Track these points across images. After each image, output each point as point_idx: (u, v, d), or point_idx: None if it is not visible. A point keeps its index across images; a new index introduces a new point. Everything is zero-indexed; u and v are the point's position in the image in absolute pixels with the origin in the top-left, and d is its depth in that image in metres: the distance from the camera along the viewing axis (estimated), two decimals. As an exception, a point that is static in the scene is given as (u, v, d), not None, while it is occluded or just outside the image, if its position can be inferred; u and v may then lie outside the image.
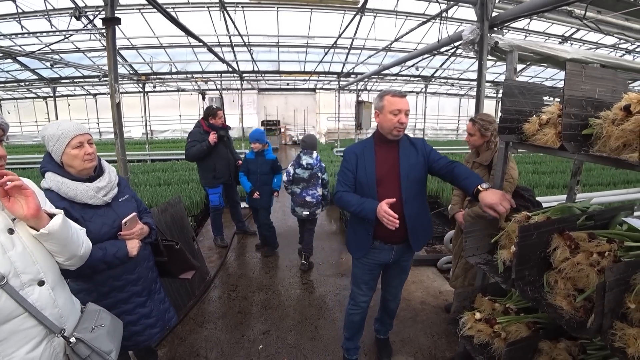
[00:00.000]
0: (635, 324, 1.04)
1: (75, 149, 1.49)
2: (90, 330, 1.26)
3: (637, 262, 1.07)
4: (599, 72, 1.23)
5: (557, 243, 1.30)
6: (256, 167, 3.90)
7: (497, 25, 3.23)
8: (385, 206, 1.73)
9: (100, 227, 1.55)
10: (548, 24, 7.56)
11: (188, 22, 4.91)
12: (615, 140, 1.08)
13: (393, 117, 1.90)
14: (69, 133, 1.48)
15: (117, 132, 2.82)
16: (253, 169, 3.91)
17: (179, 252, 1.96)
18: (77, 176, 1.53)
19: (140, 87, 10.93)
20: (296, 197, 3.80)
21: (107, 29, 2.76)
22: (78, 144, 1.49)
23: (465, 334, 1.65)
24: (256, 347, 2.59)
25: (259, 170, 3.88)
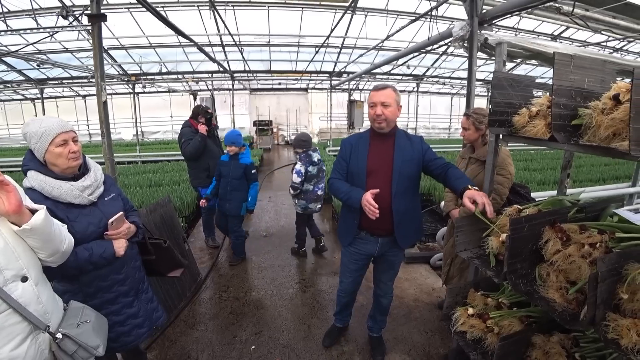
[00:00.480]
0: (628, 315, 1.03)
1: (59, 147, 1.44)
2: (76, 326, 1.25)
3: (629, 252, 1.06)
4: (587, 62, 1.22)
5: (548, 235, 1.29)
6: (228, 170, 3.67)
7: (486, 21, 3.23)
8: (369, 196, 1.77)
9: (86, 227, 1.51)
10: (537, 22, 7.64)
11: (178, 22, 4.86)
12: (605, 130, 1.07)
13: (371, 110, 1.99)
14: (52, 130, 1.42)
15: (104, 132, 2.77)
16: (225, 172, 3.68)
17: (167, 250, 1.93)
18: (61, 175, 1.48)
19: (130, 88, 10.79)
20: (310, 194, 3.81)
21: (93, 25, 2.70)
22: (62, 141, 1.44)
23: (458, 330, 1.63)
24: (248, 348, 2.55)
25: (231, 175, 3.65)
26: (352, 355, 2.48)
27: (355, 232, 2.12)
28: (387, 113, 1.95)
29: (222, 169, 3.70)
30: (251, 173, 3.71)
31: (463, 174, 1.83)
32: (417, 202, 2.13)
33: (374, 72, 10.03)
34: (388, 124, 1.98)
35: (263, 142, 14.52)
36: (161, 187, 6.21)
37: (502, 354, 1.34)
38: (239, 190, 3.69)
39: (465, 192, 1.61)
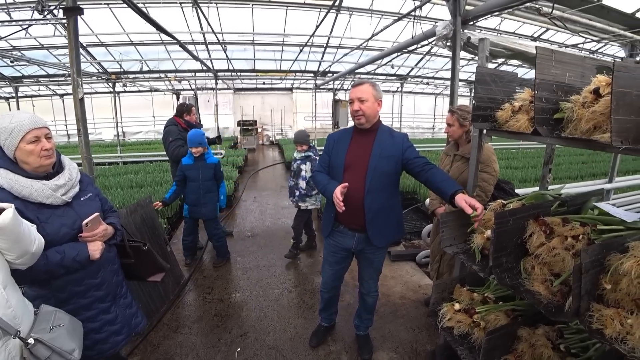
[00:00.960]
0: (611, 305, 1.04)
1: (30, 144, 1.36)
2: (49, 330, 1.19)
3: (610, 243, 1.08)
4: (568, 57, 1.24)
5: (532, 229, 1.30)
6: (197, 173, 3.48)
7: (469, 20, 3.27)
8: (338, 190, 1.82)
9: (58, 229, 1.42)
10: (518, 24, 7.82)
11: (160, 18, 4.74)
12: (586, 123, 1.08)
13: (350, 107, 2.02)
14: (23, 126, 1.34)
15: (81, 130, 2.66)
16: (193, 176, 3.48)
17: (147, 254, 1.84)
18: (33, 173, 1.40)
19: (110, 87, 10.48)
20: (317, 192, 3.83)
21: (69, 19, 2.59)
22: (34, 138, 1.36)
23: (445, 326, 1.64)
24: (233, 351, 2.49)
25: (202, 177, 3.49)
26: (340, 355, 2.46)
27: (333, 224, 2.17)
28: (365, 108, 1.96)
29: (190, 173, 3.49)
30: (220, 172, 3.65)
31: (448, 176, 1.83)
32: (394, 201, 2.11)
33: (359, 71, 10.07)
34: (367, 119, 1.99)
35: (247, 142, 14.37)
36: (143, 188, 6.06)
37: (489, 348, 1.34)
38: (212, 192, 3.58)
39: (459, 195, 1.59)
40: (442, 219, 1.61)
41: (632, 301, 1.01)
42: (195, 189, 3.50)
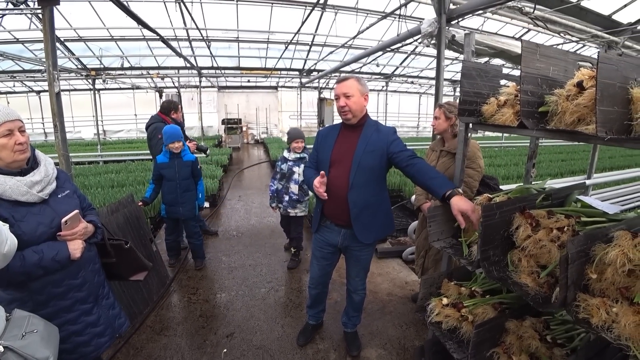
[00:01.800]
0: (597, 294, 1.06)
1: (3, 137, 1.29)
2: (20, 337, 1.11)
3: (595, 234, 1.09)
4: (552, 51, 1.25)
5: (519, 222, 1.31)
6: (174, 172, 3.32)
7: (454, 18, 3.31)
8: (317, 180, 1.89)
9: (35, 228, 1.35)
10: (501, 24, 7.95)
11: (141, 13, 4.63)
12: (570, 115, 1.09)
13: (336, 103, 2.00)
14: None
15: (58, 125, 2.57)
16: (170, 175, 3.32)
17: (129, 252, 1.77)
18: (6, 169, 1.33)
19: (90, 84, 10.16)
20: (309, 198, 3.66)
21: (44, 9, 2.50)
22: (7, 131, 1.29)
23: (434, 321, 1.64)
24: (220, 352, 2.44)
25: (179, 176, 3.34)
26: (328, 353, 2.44)
27: (320, 219, 2.18)
28: (351, 104, 1.94)
29: (166, 172, 3.32)
30: (198, 169, 3.52)
31: (436, 172, 1.79)
32: (381, 197, 2.08)
33: (344, 69, 10.08)
34: (354, 115, 1.98)
35: (232, 141, 14.18)
36: (124, 187, 5.89)
37: (478, 341, 1.35)
38: (190, 191, 3.45)
39: (454, 201, 1.53)
40: (429, 214, 1.61)
41: (617, 290, 1.02)
42: (172, 189, 3.36)
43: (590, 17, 4.70)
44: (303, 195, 3.50)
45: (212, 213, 5.58)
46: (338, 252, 2.27)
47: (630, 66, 0.98)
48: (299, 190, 3.46)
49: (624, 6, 4.95)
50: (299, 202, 3.51)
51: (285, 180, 3.52)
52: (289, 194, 3.49)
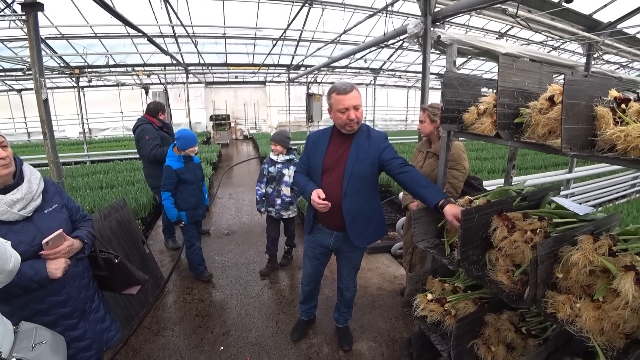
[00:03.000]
0: (563, 291, 1.16)
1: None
2: (31, 349, 1.14)
3: (563, 236, 1.19)
4: (527, 65, 1.34)
5: (496, 224, 1.41)
6: (193, 175, 3.26)
7: (439, 19, 3.39)
8: (315, 196, 1.89)
9: (15, 247, 1.26)
10: (486, 20, 8.08)
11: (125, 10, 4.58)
12: (542, 128, 1.18)
13: (342, 115, 1.91)
14: None
15: (47, 132, 2.56)
16: (190, 178, 3.23)
17: (120, 266, 1.74)
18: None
19: (73, 82, 9.97)
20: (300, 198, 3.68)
21: (28, 15, 2.47)
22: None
23: (419, 315, 1.74)
24: (217, 349, 2.52)
25: (197, 178, 3.32)
26: (321, 347, 2.55)
27: (313, 222, 2.23)
28: (359, 115, 1.94)
29: (186, 176, 3.19)
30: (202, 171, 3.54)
31: (427, 181, 1.82)
32: (374, 203, 2.13)
33: (332, 65, 10.10)
34: (359, 125, 2.00)
35: (221, 137, 14.11)
36: (114, 188, 5.85)
37: (459, 333, 1.46)
38: (204, 192, 3.48)
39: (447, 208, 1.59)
40: (413, 216, 1.71)
41: (581, 288, 1.13)
42: (195, 192, 3.29)
43: (572, 16, 4.83)
44: (295, 197, 3.48)
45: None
46: (330, 252, 2.35)
47: (596, 85, 1.07)
48: (291, 192, 3.42)
49: (604, 6, 5.12)
50: (291, 203, 3.48)
51: (275, 183, 3.44)
52: (281, 197, 3.43)
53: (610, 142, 0.97)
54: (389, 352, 2.51)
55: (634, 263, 1.02)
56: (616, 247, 1.10)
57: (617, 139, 0.94)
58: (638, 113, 0.96)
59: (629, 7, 4.97)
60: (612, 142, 0.96)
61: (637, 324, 1.00)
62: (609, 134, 0.96)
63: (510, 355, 1.48)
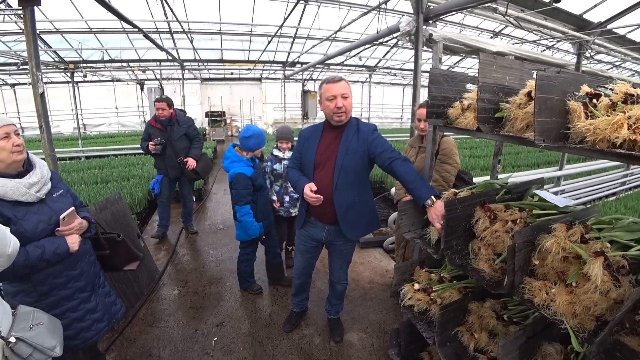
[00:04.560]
0: (539, 278, 1.22)
1: (1, 140, 1.41)
2: (29, 329, 1.23)
3: (541, 225, 1.25)
4: (508, 62, 1.40)
5: (479, 215, 1.47)
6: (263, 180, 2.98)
7: (431, 18, 3.44)
8: (307, 190, 1.95)
9: (36, 225, 1.47)
10: (481, 19, 8.14)
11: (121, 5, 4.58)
12: (520, 122, 1.24)
13: (330, 104, 1.97)
14: None
15: (43, 126, 2.59)
16: (263, 183, 2.93)
17: (121, 244, 1.93)
18: (5, 172, 1.44)
19: (68, 77, 9.91)
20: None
21: (25, 9, 2.49)
22: (4, 134, 1.42)
23: (407, 304, 1.80)
24: (210, 340, 2.57)
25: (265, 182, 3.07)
26: (313, 337, 2.60)
27: (305, 216, 2.27)
28: (347, 105, 1.98)
29: (259, 181, 2.84)
30: None
31: (416, 175, 1.82)
32: (365, 196, 2.17)
33: (328, 62, 10.14)
34: (347, 116, 2.03)
35: (216, 133, 14.11)
36: (109, 183, 5.88)
37: (443, 320, 1.52)
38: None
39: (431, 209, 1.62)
40: (400, 208, 1.76)
41: (556, 274, 1.19)
42: (267, 197, 3.03)
43: (562, 16, 4.91)
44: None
45: (198, 207, 5.64)
46: (321, 245, 2.40)
47: (569, 81, 1.13)
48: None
49: (594, 6, 5.20)
50: (297, 199, 3.32)
51: (282, 180, 3.32)
52: (289, 194, 3.32)
53: (581, 134, 1.03)
54: (379, 342, 2.57)
55: (603, 249, 1.08)
56: (588, 235, 1.17)
57: (586, 131, 1.00)
58: (607, 107, 1.02)
59: (618, 8, 5.06)
60: (583, 134, 1.02)
61: (605, 306, 1.06)
62: (579, 126, 1.01)
63: (492, 342, 1.54)
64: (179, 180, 4.23)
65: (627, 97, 0.98)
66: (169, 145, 3.94)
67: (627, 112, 0.95)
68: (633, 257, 1.14)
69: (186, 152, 4.06)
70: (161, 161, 4.02)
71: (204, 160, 4.15)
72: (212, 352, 2.45)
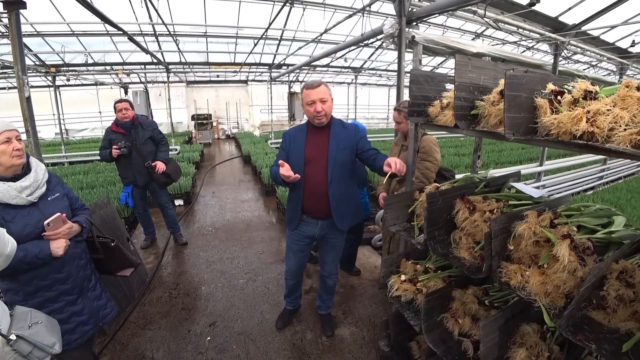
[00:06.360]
0: (515, 262, 1.32)
1: (2, 144, 1.46)
2: (28, 327, 1.26)
3: (515, 214, 1.35)
4: (482, 63, 1.49)
5: (459, 206, 1.56)
6: None
7: (413, 20, 3.55)
8: (282, 169, 1.99)
9: (22, 228, 1.50)
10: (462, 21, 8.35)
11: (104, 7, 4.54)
12: (494, 118, 1.33)
13: (309, 108, 2.12)
14: None
15: (30, 130, 2.59)
16: None
17: (115, 250, 1.93)
18: (3, 175, 1.49)
19: (49, 81, 9.71)
20: None
21: (10, 13, 2.49)
22: (6, 139, 1.47)
23: (394, 295, 1.88)
24: (204, 340, 2.60)
25: None
26: (305, 333, 2.66)
27: (299, 217, 2.32)
28: (326, 108, 2.12)
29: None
30: None
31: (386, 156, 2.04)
32: (353, 188, 2.33)
33: (314, 64, 10.20)
34: (327, 118, 2.17)
35: (203, 136, 14.05)
36: (95, 188, 5.81)
37: (428, 308, 1.60)
38: None
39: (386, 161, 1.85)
40: (385, 202, 1.85)
41: (529, 257, 1.29)
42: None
43: (540, 18, 5.11)
44: None
45: (187, 210, 5.63)
46: (313, 242, 2.48)
47: (536, 80, 1.22)
48: None
49: (568, 9, 5.43)
50: None
51: None
52: None
53: (547, 128, 1.12)
54: (369, 335, 2.65)
55: (570, 232, 1.18)
56: (557, 221, 1.26)
57: (551, 125, 1.09)
58: (570, 103, 1.11)
59: (592, 10, 5.30)
60: (549, 128, 1.11)
61: (573, 284, 1.16)
62: (545, 121, 1.11)
63: (475, 326, 1.62)
64: (150, 189, 3.99)
65: (587, 94, 1.08)
66: (135, 150, 3.69)
67: (586, 107, 1.05)
68: (598, 240, 1.25)
69: (153, 156, 3.82)
70: (127, 168, 3.77)
71: (172, 163, 3.97)
72: (205, 352, 2.48)
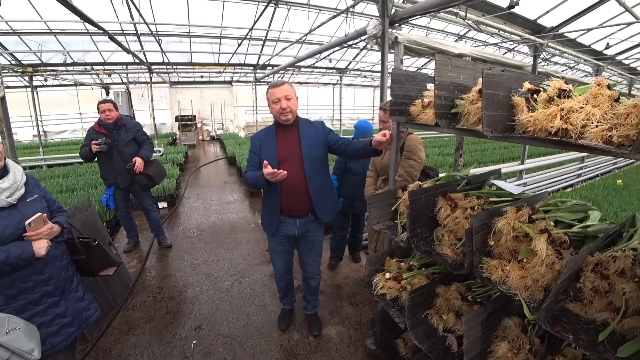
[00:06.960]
0: (495, 257, 1.34)
1: None
2: (5, 333, 1.24)
3: (495, 210, 1.38)
4: (462, 62, 1.52)
5: (441, 204, 1.58)
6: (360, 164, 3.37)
7: (396, 21, 3.59)
8: (266, 169, 1.96)
9: (3, 230, 1.48)
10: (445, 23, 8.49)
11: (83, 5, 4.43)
12: (473, 116, 1.36)
13: (275, 106, 2.16)
14: None
15: (5, 131, 2.51)
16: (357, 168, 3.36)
17: (97, 249, 1.91)
18: None
19: (26, 81, 9.40)
20: None
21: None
22: None
23: (379, 293, 1.89)
24: (189, 344, 2.56)
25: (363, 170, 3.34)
26: (292, 333, 2.65)
27: (278, 218, 2.30)
28: (291, 105, 2.16)
29: (353, 164, 3.37)
30: None
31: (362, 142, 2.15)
32: (329, 180, 2.39)
33: (298, 65, 10.20)
34: (292, 115, 2.21)
35: (187, 138, 13.88)
36: (75, 192, 5.65)
37: (413, 304, 1.61)
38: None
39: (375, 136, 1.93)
40: (369, 200, 1.86)
41: (509, 252, 1.31)
42: (356, 183, 3.34)
43: (519, 20, 5.25)
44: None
45: (171, 213, 5.54)
46: (294, 241, 2.48)
47: (513, 79, 1.25)
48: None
49: (547, 12, 5.59)
50: None
51: None
52: None
53: (524, 125, 1.15)
54: (356, 334, 2.66)
55: (547, 227, 1.21)
56: (535, 216, 1.30)
57: (528, 122, 1.12)
58: (545, 101, 1.14)
59: (569, 14, 5.48)
60: (525, 125, 1.14)
61: (551, 277, 1.19)
62: (522, 118, 1.14)
63: (458, 321, 1.65)
64: (133, 191, 3.90)
65: (561, 92, 1.11)
66: (116, 151, 3.60)
67: (560, 104, 1.08)
68: (574, 234, 1.29)
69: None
70: (108, 169, 3.69)
71: (155, 165, 3.87)
72: (191, 356, 2.45)
